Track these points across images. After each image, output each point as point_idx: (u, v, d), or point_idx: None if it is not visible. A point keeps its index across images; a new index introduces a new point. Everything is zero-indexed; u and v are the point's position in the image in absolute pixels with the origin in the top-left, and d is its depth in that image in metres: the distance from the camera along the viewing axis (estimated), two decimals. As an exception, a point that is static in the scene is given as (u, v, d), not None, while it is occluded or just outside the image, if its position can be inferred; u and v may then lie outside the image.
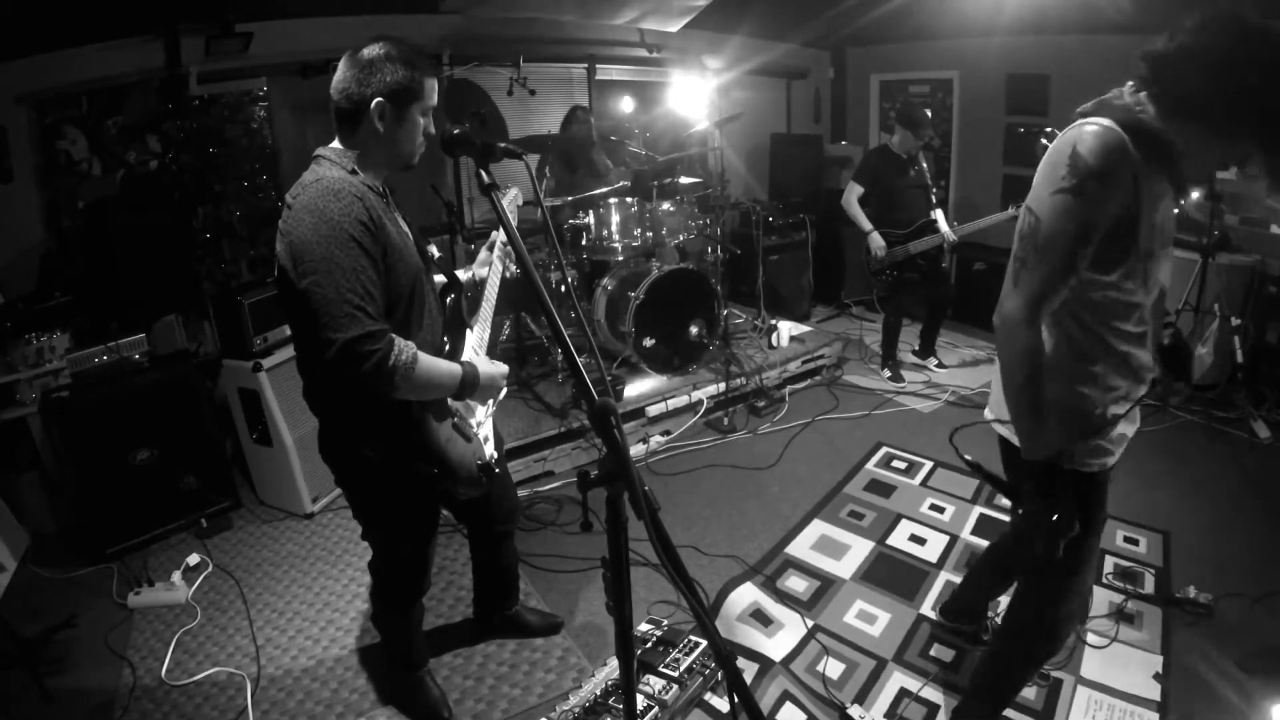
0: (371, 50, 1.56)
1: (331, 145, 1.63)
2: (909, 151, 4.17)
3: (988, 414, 1.69)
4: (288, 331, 3.00)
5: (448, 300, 1.90)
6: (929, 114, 4.19)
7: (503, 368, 1.83)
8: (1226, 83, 1.17)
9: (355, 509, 1.90)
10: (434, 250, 1.87)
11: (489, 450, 1.90)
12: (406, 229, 1.73)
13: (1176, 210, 4.53)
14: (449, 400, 1.75)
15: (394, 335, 1.55)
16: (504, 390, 1.90)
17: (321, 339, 1.47)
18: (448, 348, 1.82)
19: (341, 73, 1.58)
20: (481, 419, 1.91)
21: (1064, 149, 1.31)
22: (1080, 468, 1.48)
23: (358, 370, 1.49)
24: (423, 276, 1.72)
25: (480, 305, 1.97)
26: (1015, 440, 1.48)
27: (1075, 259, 1.31)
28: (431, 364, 1.63)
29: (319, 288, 1.46)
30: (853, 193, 4.27)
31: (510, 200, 2.15)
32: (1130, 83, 1.33)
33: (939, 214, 4.16)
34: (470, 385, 1.70)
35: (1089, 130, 1.29)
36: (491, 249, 2.05)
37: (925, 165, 4.22)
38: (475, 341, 1.90)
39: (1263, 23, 1.15)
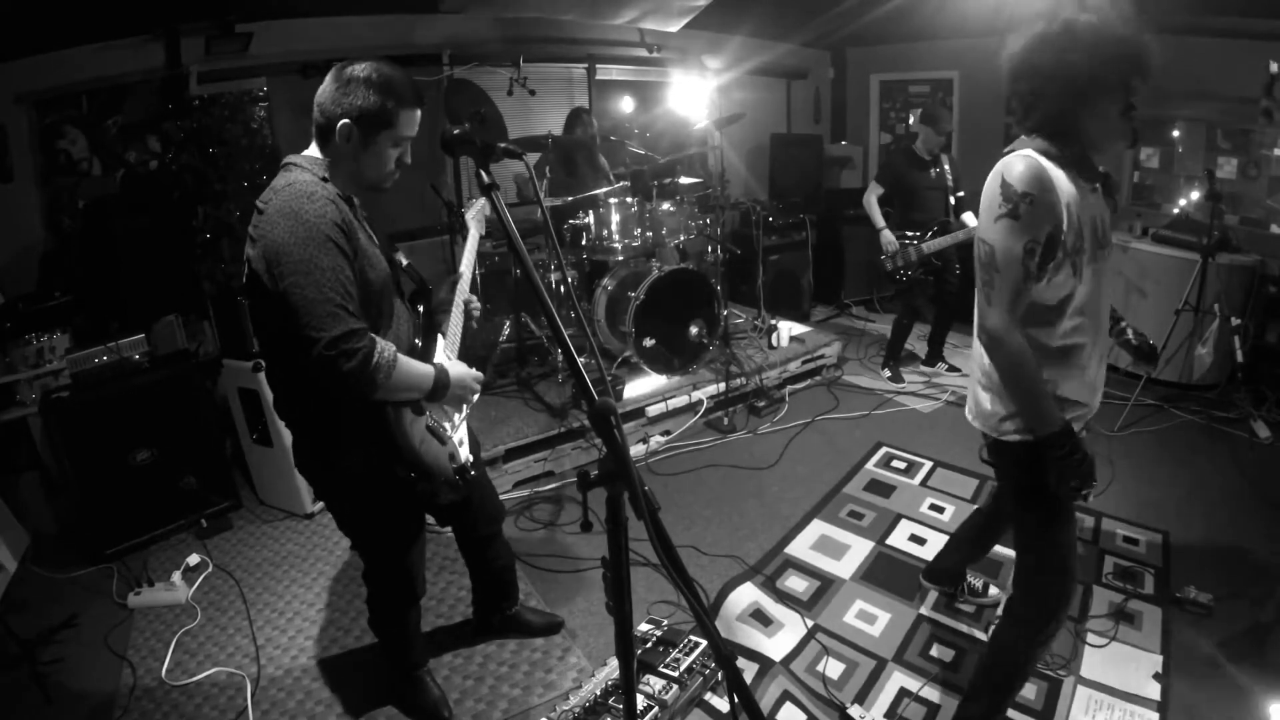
0: (356, 69, 1.55)
1: (305, 152, 1.63)
2: (932, 150, 4.14)
3: (969, 417, 1.81)
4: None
5: (419, 307, 1.90)
6: (947, 110, 4.17)
7: (475, 372, 1.82)
8: (1056, 81, 1.48)
9: (339, 520, 1.90)
10: (401, 258, 1.86)
11: (464, 453, 1.90)
12: (373, 235, 1.73)
13: (1177, 210, 4.42)
14: (422, 401, 1.75)
15: (374, 335, 1.55)
16: (477, 394, 1.88)
17: (304, 338, 1.46)
18: (420, 348, 1.81)
19: (325, 84, 1.57)
20: (456, 422, 1.91)
21: (995, 181, 1.54)
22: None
23: (341, 369, 1.48)
24: (390, 283, 1.72)
25: (448, 327, 1.95)
26: (996, 435, 1.69)
27: (1028, 270, 1.51)
28: (409, 364, 1.64)
29: (300, 289, 1.46)
30: (873, 192, 4.28)
31: (479, 210, 2.13)
32: (1022, 134, 1.61)
33: (968, 216, 4.00)
34: (442, 387, 1.70)
35: (1012, 161, 1.52)
36: (453, 290, 1.98)
37: (948, 167, 4.17)
38: (447, 347, 1.91)
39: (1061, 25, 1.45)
